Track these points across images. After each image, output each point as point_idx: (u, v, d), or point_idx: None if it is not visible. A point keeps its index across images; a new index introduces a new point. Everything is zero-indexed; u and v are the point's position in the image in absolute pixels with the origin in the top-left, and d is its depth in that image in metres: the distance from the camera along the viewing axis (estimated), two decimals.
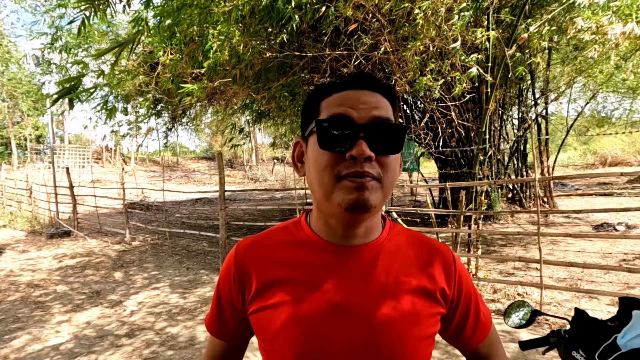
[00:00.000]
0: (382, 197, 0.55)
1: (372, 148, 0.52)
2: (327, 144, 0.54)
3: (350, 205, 0.52)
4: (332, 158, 0.53)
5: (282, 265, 0.60)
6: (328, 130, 0.53)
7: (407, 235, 0.65)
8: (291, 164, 3.78)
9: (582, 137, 22.98)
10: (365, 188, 0.52)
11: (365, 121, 0.53)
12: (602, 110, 18.16)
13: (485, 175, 3.80)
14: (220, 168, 5.20)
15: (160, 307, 3.83)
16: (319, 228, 0.61)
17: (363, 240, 0.59)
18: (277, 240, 0.63)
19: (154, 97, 7.27)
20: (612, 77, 8.65)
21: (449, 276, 0.62)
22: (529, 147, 9.13)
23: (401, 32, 3.98)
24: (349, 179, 0.52)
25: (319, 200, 0.58)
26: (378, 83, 0.58)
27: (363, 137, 0.52)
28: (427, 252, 0.63)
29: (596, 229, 5.79)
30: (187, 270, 5.18)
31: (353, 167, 0.52)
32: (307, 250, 0.60)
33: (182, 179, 22.22)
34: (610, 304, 3.01)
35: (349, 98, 0.55)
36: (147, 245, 6.83)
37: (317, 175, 0.55)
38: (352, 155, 0.51)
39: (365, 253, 0.59)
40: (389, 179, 0.55)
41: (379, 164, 0.53)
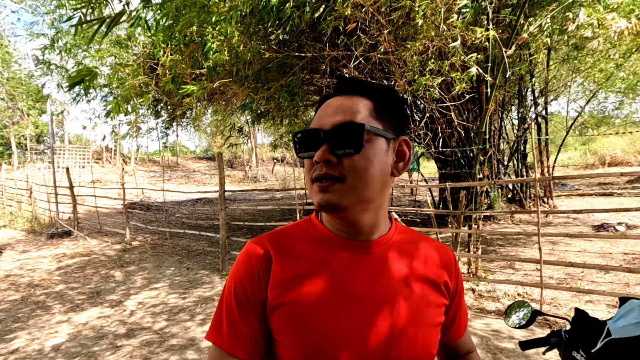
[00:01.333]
0: (355, 197, 0.58)
1: (335, 151, 0.57)
2: (299, 151, 0.61)
3: (321, 205, 0.58)
4: (308, 163, 0.61)
5: (302, 259, 0.61)
6: (300, 141, 0.61)
7: (411, 233, 0.70)
8: (291, 164, 3.82)
9: (582, 137, 22.99)
10: (328, 191, 0.57)
11: (328, 127, 0.58)
12: (601, 110, 18.17)
13: (485, 175, 3.80)
14: (221, 168, 5.20)
15: (160, 307, 3.83)
16: (330, 224, 0.65)
17: (371, 236, 0.63)
18: (293, 235, 0.66)
19: (154, 98, 7.27)
20: (611, 77, 8.65)
21: (450, 270, 0.68)
22: (528, 147, 9.14)
23: (401, 33, 3.98)
24: (316, 182, 0.58)
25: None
26: (355, 86, 0.61)
27: (326, 142, 0.57)
28: (431, 248, 0.68)
29: (596, 229, 5.79)
30: (187, 271, 5.18)
31: (317, 171, 0.58)
32: (323, 245, 0.63)
33: (182, 179, 22.23)
34: (611, 303, 3.01)
35: (324, 108, 0.61)
36: (147, 245, 6.83)
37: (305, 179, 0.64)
38: (315, 160, 0.57)
39: (377, 248, 0.63)
40: (356, 177, 0.57)
41: (343, 165, 0.57)
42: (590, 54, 7.28)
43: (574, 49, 7.20)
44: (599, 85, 9.88)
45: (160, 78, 5.05)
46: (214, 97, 7.19)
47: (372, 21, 3.77)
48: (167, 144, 12.28)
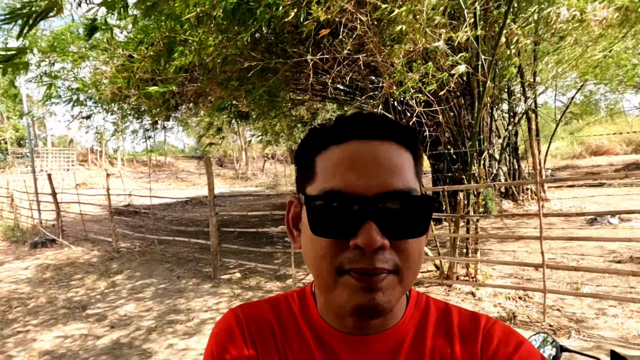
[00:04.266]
0: (402, 292, 0.42)
1: (387, 231, 0.39)
2: (321, 228, 0.41)
3: (357, 310, 0.40)
4: (330, 245, 0.41)
5: (286, 351, 0.48)
6: (323, 211, 0.41)
7: (438, 312, 0.50)
8: (281, 161, 3.55)
9: (570, 127, 23.32)
10: (376, 289, 0.39)
11: (376, 193, 0.39)
12: (588, 100, 18.40)
13: (480, 176, 3.71)
14: (209, 173, 5.02)
15: (148, 320, 3.66)
16: (326, 312, 0.49)
17: (380, 327, 0.47)
18: (280, 315, 0.51)
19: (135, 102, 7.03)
20: (597, 67, 8.67)
21: (472, 344, 0.46)
22: (519, 140, 9.15)
23: (387, 32, 3.85)
24: (354, 276, 0.40)
25: (319, 288, 0.46)
26: (393, 128, 0.43)
27: (373, 218, 0.39)
28: (454, 328, 0.48)
29: (590, 222, 5.79)
30: (177, 279, 5.00)
31: (359, 261, 0.39)
32: (312, 338, 0.49)
33: (170, 179, 21.84)
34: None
35: (351, 158, 0.41)
36: (135, 253, 6.62)
37: (313, 263, 0.43)
38: (357, 244, 0.39)
39: (382, 344, 0.46)
40: (412, 268, 0.42)
41: (397, 250, 0.40)
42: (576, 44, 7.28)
43: (560, 40, 7.19)
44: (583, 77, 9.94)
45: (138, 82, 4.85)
46: (199, 100, 6.98)
47: (354, 21, 3.61)
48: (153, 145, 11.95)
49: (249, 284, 4.64)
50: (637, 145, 19.65)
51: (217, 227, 5.05)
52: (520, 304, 3.22)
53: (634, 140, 19.90)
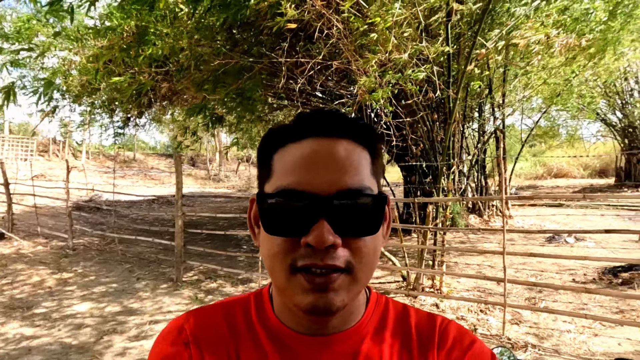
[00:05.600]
0: (357, 290, 0.43)
1: (339, 229, 0.39)
2: (274, 226, 0.41)
3: (309, 309, 0.41)
4: (283, 243, 0.41)
5: (238, 357, 0.46)
6: (275, 210, 0.41)
7: (396, 312, 0.50)
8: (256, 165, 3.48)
9: (533, 149, 24.66)
10: (329, 289, 0.40)
11: (329, 192, 0.40)
12: (551, 125, 19.54)
13: (450, 190, 3.81)
14: (178, 171, 4.84)
15: (101, 320, 3.44)
16: (284, 314, 0.47)
17: (339, 327, 0.46)
18: (234, 320, 0.48)
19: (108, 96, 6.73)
20: (558, 96, 9.22)
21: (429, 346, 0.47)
22: (487, 158, 9.54)
23: (360, 42, 3.91)
24: (305, 275, 0.40)
25: (274, 287, 0.47)
26: (352, 126, 0.43)
27: (326, 216, 0.39)
28: (412, 329, 0.48)
29: (549, 240, 6.07)
30: (136, 281, 4.76)
31: (310, 258, 0.39)
32: (268, 340, 0.47)
33: (137, 177, 21.00)
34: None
35: (307, 155, 0.41)
36: (93, 251, 6.26)
37: (267, 262, 0.43)
38: (307, 242, 0.39)
39: (341, 344, 0.45)
40: (365, 267, 0.42)
41: (350, 248, 0.40)
42: (541, 70, 7.74)
43: (527, 65, 7.62)
44: (547, 102, 10.56)
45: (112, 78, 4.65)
46: (174, 98, 6.78)
47: (331, 27, 3.64)
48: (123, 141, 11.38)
49: (211, 287, 4.49)
50: (592, 170, 21.04)
51: (183, 228, 4.87)
52: (481, 317, 3.30)
53: (589, 165, 21.30)
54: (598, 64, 6.30)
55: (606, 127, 15.68)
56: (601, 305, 3.44)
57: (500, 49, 4.95)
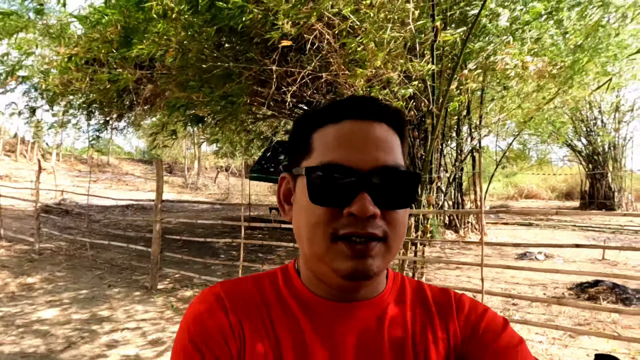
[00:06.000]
0: (389, 258, 0.47)
1: (378, 201, 0.43)
2: (319, 197, 0.44)
3: (348, 274, 0.44)
4: (326, 213, 0.44)
5: (273, 324, 0.48)
6: (321, 181, 0.44)
7: (412, 286, 0.55)
8: (235, 174, 3.47)
9: (505, 171, 25.69)
10: (368, 255, 0.43)
11: (369, 168, 0.44)
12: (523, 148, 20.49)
13: (431, 204, 3.92)
14: (159, 175, 4.74)
15: (69, 328, 3.26)
16: (312, 283, 0.50)
17: (365, 296, 0.50)
18: (264, 290, 0.50)
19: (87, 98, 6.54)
20: (530, 120, 9.75)
21: (448, 317, 0.51)
22: (464, 177, 9.89)
23: (350, 57, 4.03)
24: (346, 243, 0.43)
25: (308, 258, 0.49)
26: (385, 110, 0.48)
27: (366, 189, 0.43)
28: (429, 302, 0.52)
29: (520, 257, 6.31)
30: (107, 288, 4.56)
31: (352, 227, 0.43)
32: (299, 308, 0.49)
33: (111, 182, 20.27)
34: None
35: (348, 135, 0.46)
36: (61, 257, 5.95)
37: (307, 231, 0.46)
38: (351, 212, 0.42)
39: (368, 310, 0.49)
40: (398, 237, 0.46)
41: (386, 220, 0.45)
42: (516, 95, 8.19)
43: (503, 89, 8.04)
44: (520, 126, 11.15)
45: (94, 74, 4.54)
46: (156, 101, 6.67)
47: (322, 40, 3.75)
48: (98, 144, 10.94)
49: (186, 296, 4.36)
50: (559, 193, 22.11)
51: (160, 234, 4.74)
52: None
53: (557, 187, 22.39)
54: (567, 92, 6.72)
55: (572, 152, 16.58)
56: (570, 317, 3.60)
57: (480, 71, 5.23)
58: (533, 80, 5.15)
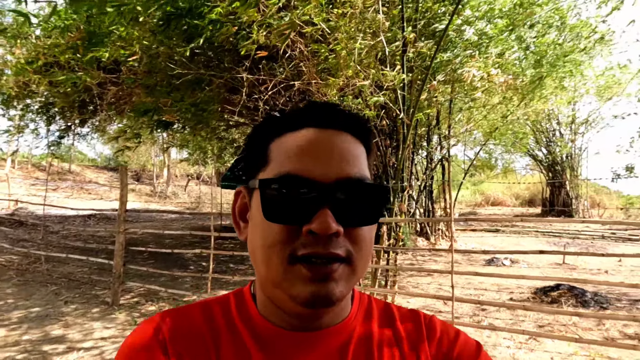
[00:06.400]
0: (354, 281, 0.42)
1: (341, 218, 0.39)
2: (275, 213, 0.39)
3: (308, 301, 0.39)
4: (283, 232, 0.39)
5: (217, 358, 0.43)
6: (277, 196, 0.39)
7: (379, 308, 0.51)
8: (208, 182, 3.34)
9: (473, 179, 26.71)
10: (330, 278, 0.39)
11: (332, 181, 0.39)
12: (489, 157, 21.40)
13: (402, 212, 3.96)
14: (124, 184, 4.51)
15: (17, 349, 2.99)
16: (269, 310, 0.44)
17: (328, 323, 0.45)
18: (213, 321, 0.45)
19: (46, 101, 6.16)
20: (496, 130, 10.22)
21: (418, 341, 0.47)
22: (434, 185, 10.17)
23: (322, 66, 4.05)
24: (305, 265, 0.38)
25: (264, 283, 0.44)
26: (348, 119, 0.44)
27: (328, 204, 0.38)
28: (406, 327, 0.48)
29: (488, 262, 6.51)
30: (63, 305, 4.25)
31: (312, 247, 0.38)
32: (252, 339, 0.43)
33: (72, 190, 19.19)
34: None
35: (307, 144, 0.41)
36: (11, 272, 5.51)
37: (262, 253, 0.41)
38: (310, 229, 0.38)
39: (331, 339, 0.44)
40: (363, 257, 0.41)
41: (350, 238, 0.40)
42: (482, 107, 8.57)
43: (471, 101, 8.39)
44: (486, 136, 11.67)
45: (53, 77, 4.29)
46: (121, 104, 6.41)
47: (294, 49, 3.74)
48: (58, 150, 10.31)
49: (151, 310, 4.14)
50: (523, 200, 23.23)
51: (124, 246, 4.49)
52: None
53: (520, 195, 23.52)
54: (528, 104, 7.10)
55: (534, 161, 17.49)
56: (535, 321, 3.72)
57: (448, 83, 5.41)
58: (498, 92, 5.40)
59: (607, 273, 5.75)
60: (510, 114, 7.88)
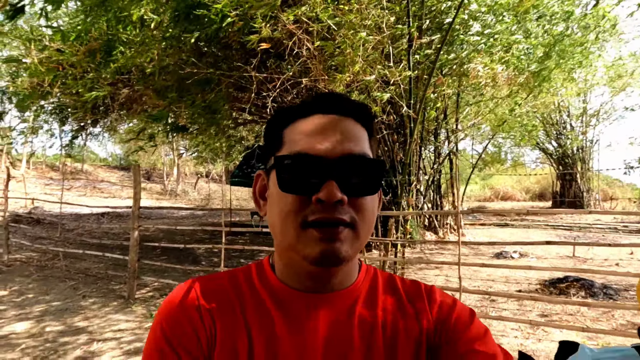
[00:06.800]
0: (358, 245, 0.48)
1: (345, 189, 0.45)
2: (289, 185, 0.47)
3: (318, 259, 0.45)
4: (296, 201, 0.46)
5: (246, 317, 0.50)
6: (290, 170, 0.47)
7: (384, 278, 0.57)
8: (217, 180, 3.47)
9: (482, 173, 26.47)
10: (336, 239, 0.45)
11: (336, 157, 0.46)
12: (498, 150, 21.18)
13: (410, 205, 4.01)
14: (137, 182, 4.64)
15: (39, 341, 3.13)
16: (286, 275, 0.52)
17: (338, 287, 0.52)
18: (238, 285, 0.52)
19: (59, 102, 6.33)
20: (504, 123, 10.13)
21: (420, 306, 0.53)
22: (442, 179, 10.14)
23: (330, 62, 4.10)
24: (316, 228, 0.45)
25: (282, 248, 0.51)
26: (351, 105, 0.51)
27: (333, 177, 0.45)
28: (400, 293, 0.54)
29: (496, 256, 6.51)
30: (81, 299, 4.40)
31: (321, 213, 0.45)
32: (271, 301, 0.51)
33: (85, 189, 19.58)
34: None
35: (315, 128, 0.48)
36: (32, 268, 5.71)
37: (279, 221, 0.48)
38: (319, 198, 0.44)
39: (339, 300, 0.51)
40: (366, 223, 0.48)
41: (353, 206, 0.46)
42: (489, 100, 8.50)
43: (480, 95, 8.33)
44: (494, 129, 11.56)
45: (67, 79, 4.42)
46: (133, 106, 6.54)
47: (301, 46, 3.79)
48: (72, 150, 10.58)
49: None
50: (533, 194, 22.95)
51: (138, 242, 4.62)
52: None
53: (530, 189, 23.23)
54: (537, 97, 7.03)
55: (544, 154, 17.26)
56: (543, 313, 3.74)
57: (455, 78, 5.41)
58: (503, 88, 5.38)
59: (618, 265, 5.72)
60: (518, 107, 7.83)
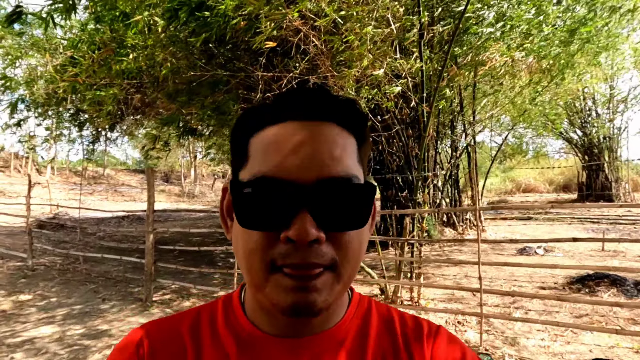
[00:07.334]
0: (341, 289, 0.38)
1: (323, 222, 0.35)
2: (250, 220, 0.36)
3: (288, 311, 0.36)
4: (261, 239, 0.36)
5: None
6: (251, 200, 0.36)
7: (379, 313, 0.46)
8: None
9: (502, 166, 25.74)
10: (310, 288, 0.35)
11: (311, 181, 0.35)
12: (519, 142, 20.53)
13: (424, 201, 3.87)
14: (150, 185, 4.67)
15: (62, 345, 3.18)
16: (256, 315, 0.42)
17: (320, 328, 0.42)
18: (198, 328, 0.43)
19: (76, 108, 6.47)
20: (524, 113, 9.74)
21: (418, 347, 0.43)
22: (460, 173, 9.87)
23: (338, 58, 3.98)
24: (286, 273, 0.35)
25: (249, 286, 0.41)
26: (334, 105, 0.39)
27: (308, 207, 0.35)
28: (406, 337, 0.44)
29: (520, 252, 6.25)
30: (101, 302, 4.48)
31: (291, 256, 0.35)
32: (238, 347, 0.41)
33: (107, 193, 20.16)
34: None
35: (288, 141, 0.37)
36: (54, 271, 5.86)
37: (243, 259, 0.38)
38: (288, 237, 0.34)
39: (320, 345, 0.41)
40: (350, 263, 0.38)
41: (334, 243, 0.36)
42: (508, 89, 8.17)
43: (496, 84, 8.02)
44: (514, 120, 11.14)
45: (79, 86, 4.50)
46: (147, 110, 6.62)
47: (308, 43, 3.70)
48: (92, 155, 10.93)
49: (183, 306, 4.29)
50: (557, 185, 22.12)
51: (154, 245, 4.66)
52: (458, 328, 3.31)
53: (554, 180, 22.40)
54: (560, 84, 6.70)
55: (568, 144, 16.59)
56: (571, 313, 3.54)
57: (470, 67, 5.21)
58: (523, 77, 5.14)
59: None
60: (539, 96, 7.49)
